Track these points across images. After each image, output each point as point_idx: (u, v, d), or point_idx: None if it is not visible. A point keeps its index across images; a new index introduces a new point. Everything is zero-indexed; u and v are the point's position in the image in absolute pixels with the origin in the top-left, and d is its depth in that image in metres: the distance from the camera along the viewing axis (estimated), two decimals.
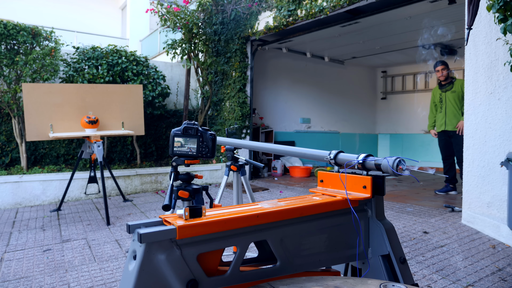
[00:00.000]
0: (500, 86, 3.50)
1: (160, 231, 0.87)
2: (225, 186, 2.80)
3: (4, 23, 5.13)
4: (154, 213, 4.74)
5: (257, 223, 1.02)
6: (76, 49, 6.12)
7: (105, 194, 4.34)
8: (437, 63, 5.39)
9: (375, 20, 6.08)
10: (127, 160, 6.75)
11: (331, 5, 5.29)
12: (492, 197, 3.59)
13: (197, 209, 0.95)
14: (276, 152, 1.71)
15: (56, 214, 4.72)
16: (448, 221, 4.05)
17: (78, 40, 11.70)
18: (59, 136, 4.61)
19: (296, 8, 5.84)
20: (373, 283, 0.87)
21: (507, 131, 3.45)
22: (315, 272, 1.20)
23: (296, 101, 9.36)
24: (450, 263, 2.88)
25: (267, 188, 6.42)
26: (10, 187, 5.15)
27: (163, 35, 9.09)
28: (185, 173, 1.71)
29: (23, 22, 5.36)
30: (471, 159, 3.81)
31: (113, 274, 2.80)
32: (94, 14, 15.59)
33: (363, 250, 1.24)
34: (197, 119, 7.51)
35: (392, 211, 4.61)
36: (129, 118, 5.22)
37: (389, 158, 1.15)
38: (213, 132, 1.50)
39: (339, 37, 7.41)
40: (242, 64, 7.23)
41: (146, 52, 12.04)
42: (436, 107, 5.58)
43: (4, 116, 5.76)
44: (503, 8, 2.51)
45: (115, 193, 5.90)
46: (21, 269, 2.93)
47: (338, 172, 1.30)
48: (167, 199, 1.36)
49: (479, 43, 3.68)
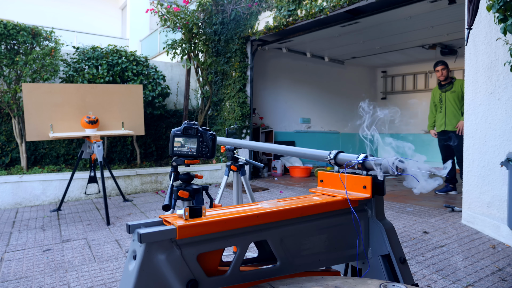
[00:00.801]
0: (500, 86, 3.50)
1: (160, 231, 0.87)
2: (225, 186, 2.80)
3: (4, 23, 5.12)
4: (154, 213, 4.74)
5: (257, 223, 1.02)
6: (76, 49, 6.12)
7: (105, 194, 4.34)
8: (437, 63, 5.39)
9: (375, 20, 6.08)
10: (127, 160, 6.75)
11: (331, 5, 5.29)
12: (492, 197, 3.59)
13: (197, 209, 0.95)
14: (276, 152, 1.71)
15: (56, 214, 4.72)
16: (448, 221, 4.05)
17: (78, 40, 11.69)
18: (59, 136, 4.61)
19: (296, 8, 5.83)
20: (373, 283, 0.87)
21: (507, 131, 3.45)
22: (315, 272, 1.20)
23: (296, 101, 9.36)
24: (450, 263, 2.88)
25: (267, 188, 6.42)
26: (10, 187, 5.15)
27: (163, 35, 9.09)
28: (185, 173, 1.71)
29: (23, 22, 5.36)
30: (471, 159, 3.81)
31: (113, 274, 2.80)
32: (94, 14, 15.58)
33: (363, 250, 1.24)
34: (197, 119, 7.51)
35: (392, 211, 4.61)
36: (129, 118, 5.22)
37: (389, 158, 1.15)
38: (213, 132, 1.50)
39: (339, 37, 7.41)
40: (242, 64, 7.23)
41: (146, 52, 12.04)
42: (436, 107, 5.58)
43: (4, 116, 5.76)
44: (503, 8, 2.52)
45: (115, 193, 5.90)
46: (21, 269, 2.93)
47: (338, 172, 1.30)
48: (167, 199, 1.36)
49: (479, 43, 3.68)
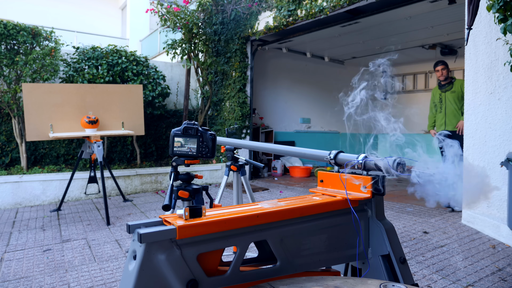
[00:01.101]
0: (500, 86, 3.50)
1: (160, 231, 0.87)
2: (225, 186, 2.80)
3: (4, 23, 5.12)
4: (154, 213, 4.73)
5: (257, 223, 1.02)
6: (76, 49, 6.12)
7: (105, 194, 4.34)
8: (437, 62, 5.39)
9: (375, 20, 6.08)
10: (127, 160, 6.75)
11: (331, 5, 5.29)
12: (492, 197, 3.59)
13: (197, 209, 0.95)
14: (276, 152, 1.70)
15: (56, 214, 4.72)
16: (448, 221, 4.05)
17: (78, 40, 11.68)
18: (59, 136, 4.61)
19: (296, 8, 5.83)
20: (373, 283, 0.87)
21: (507, 131, 3.45)
22: (315, 272, 1.19)
23: (296, 101, 9.35)
24: (450, 263, 2.88)
25: (267, 188, 6.42)
26: (10, 187, 5.15)
27: (163, 35, 9.08)
28: (185, 173, 1.71)
29: (23, 22, 5.36)
30: (471, 159, 3.81)
31: (113, 274, 2.80)
32: (94, 14, 15.57)
33: (363, 250, 1.24)
34: (197, 119, 7.51)
35: (392, 211, 4.61)
36: (129, 118, 5.22)
37: (389, 158, 1.15)
38: (213, 132, 1.50)
39: (339, 37, 7.41)
40: (242, 64, 7.23)
41: (146, 52, 12.04)
42: (436, 107, 5.57)
43: (4, 116, 5.76)
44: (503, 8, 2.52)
45: (115, 193, 5.90)
46: (21, 269, 2.93)
47: (338, 172, 1.30)
48: (167, 199, 1.36)
49: (479, 43, 3.68)
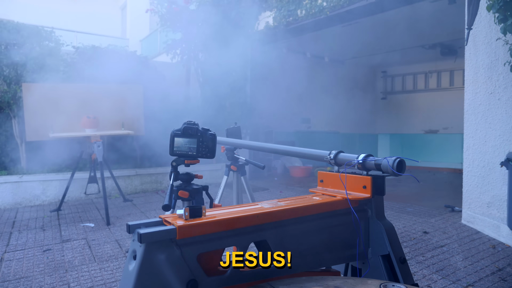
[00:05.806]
0: (500, 86, 3.50)
1: (160, 231, 0.87)
2: (225, 186, 2.80)
3: (4, 23, 5.12)
4: (154, 213, 4.73)
5: (257, 223, 1.02)
6: (76, 49, 6.11)
7: (105, 194, 4.34)
8: None
9: (375, 20, 6.07)
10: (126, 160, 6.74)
11: (331, 5, 5.29)
12: (492, 197, 3.59)
13: (197, 209, 0.95)
14: (276, 152, 1.70)
15: (56, 214, 4.72)
16: (448, 221, 4.05)
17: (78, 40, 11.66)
18: (59, 136, 4.61)
19: (296, 8, 5.83)
20: (373, 283, 0.87)
21: (507, 131, 3.45)
22: (315, 272, 1.19)
23: (296, 101, 9.35)
24: (450, 263, 2.88)
25: (267, 188, 6.41)
26: (10, 187, 5.15)
27: (163, 35, 9.08)
28: (185, 173, 1.71)
29: (23, 22, 5.36)
30: (471, 159, 3.81)
31: (113, 274, 2.80)
32: (94, 14, 15.57)
33: (363, 250, 1.24)
34: None
35: (392, 211, 4.61)
36: (129, 118, 5.22)
37: (389, 158, 1.15)
38: (213, 132, 1.50)
39: (339, 37, 7.41)
40: (242, 64, 7.22)
41: (146, 52, 12.02)
42: None
43: (4, 116, 5.76)
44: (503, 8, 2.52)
45: (115, 193, 5.90)
46: (21, 269, 2.93)
47: (338, 172, 1.30)
48: (167, 199, 1.36)
49: (479, 43, 3.68)
